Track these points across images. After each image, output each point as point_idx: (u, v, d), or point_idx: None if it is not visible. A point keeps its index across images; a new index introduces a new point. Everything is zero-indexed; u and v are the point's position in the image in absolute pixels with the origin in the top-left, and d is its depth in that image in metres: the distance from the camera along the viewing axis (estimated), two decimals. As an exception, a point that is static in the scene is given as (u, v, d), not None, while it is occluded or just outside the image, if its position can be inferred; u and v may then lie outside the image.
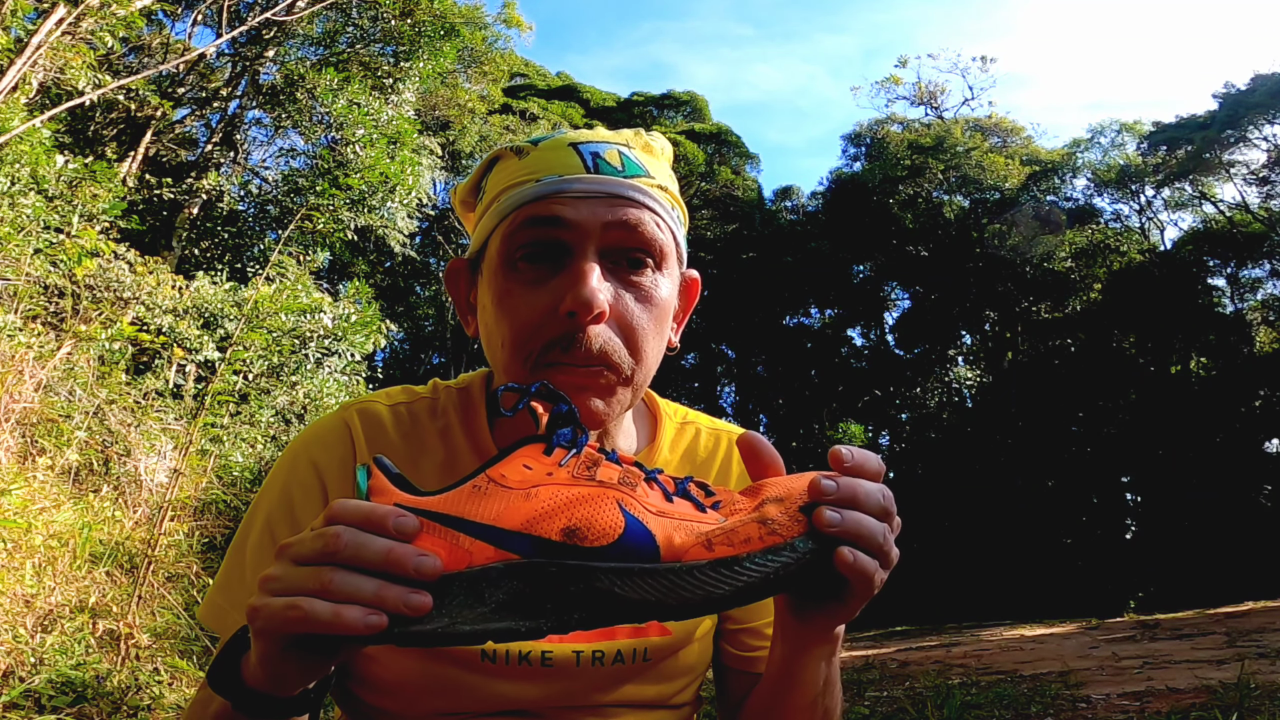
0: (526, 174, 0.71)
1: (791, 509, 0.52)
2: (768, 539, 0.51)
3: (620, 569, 0.49)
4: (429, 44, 11.30)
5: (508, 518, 0.51)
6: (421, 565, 0.48)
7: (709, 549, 0.50)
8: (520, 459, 0.54)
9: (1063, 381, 20.01)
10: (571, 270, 0.67)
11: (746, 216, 24.18)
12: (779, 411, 23.63)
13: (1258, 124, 19.24)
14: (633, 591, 0.49)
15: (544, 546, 0.50)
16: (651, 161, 0.74)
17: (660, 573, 0.50)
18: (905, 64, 36.82)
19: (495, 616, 0.49)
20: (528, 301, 0.68)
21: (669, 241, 0.73)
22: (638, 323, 0.70)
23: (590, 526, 0.50)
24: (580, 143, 0.72)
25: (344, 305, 8.31)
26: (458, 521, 0.51)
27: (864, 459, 0.55)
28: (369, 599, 0.47)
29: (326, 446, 0.78)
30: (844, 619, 0.60)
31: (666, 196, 0.73)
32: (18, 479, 3.78)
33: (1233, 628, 6.61)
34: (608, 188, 0.69)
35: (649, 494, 0.54)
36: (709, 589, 0.49)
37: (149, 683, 3.16)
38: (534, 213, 0.68)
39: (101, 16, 6.97)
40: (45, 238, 5.32)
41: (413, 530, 0.50)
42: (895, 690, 4.89)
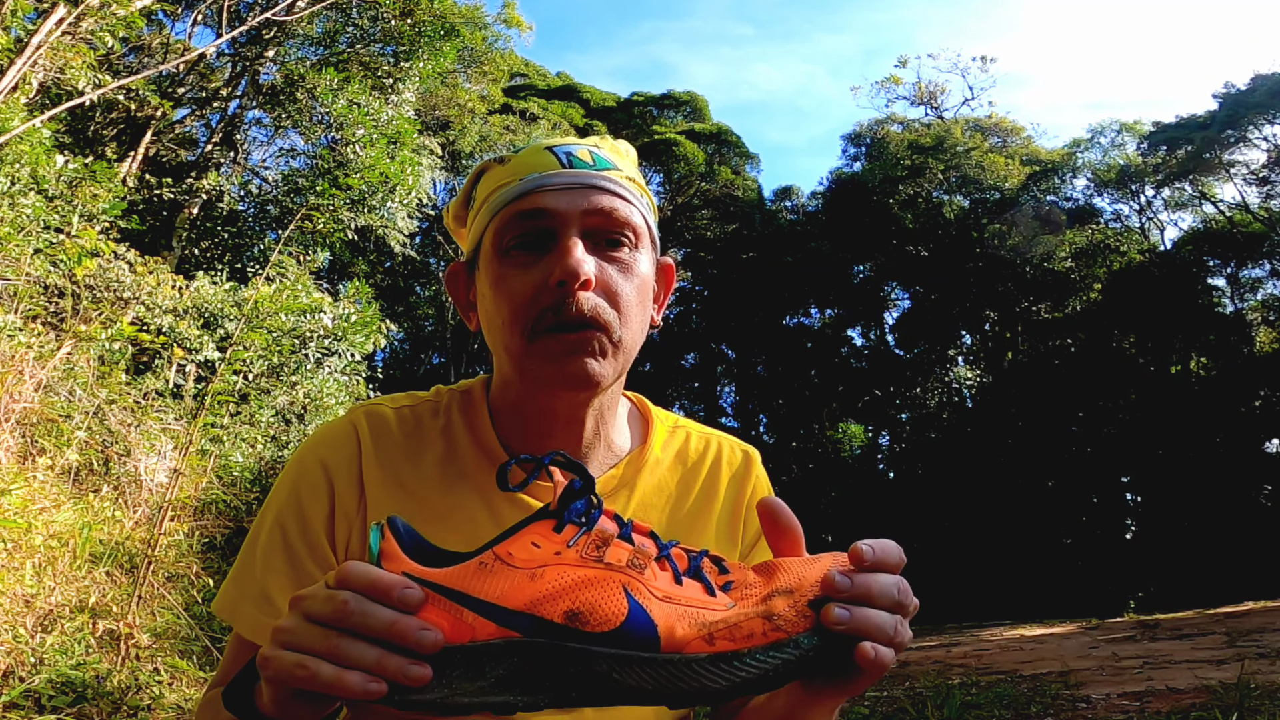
0: (510, 175, 0.79)
1: (800, 604, 0.52)
2: (771, 635, 0.51)
3: (619, 656, 0.50)
4: (429, 44, 11.29)
5: (512, 597, 0.52)
6: (423, 639, 0.50)
7: (710, 643, 0.51)
8: (529, 536, 0.55)
9: (1063, 381, 20.01)
10: (558, 249, 0.74)
11: (746, 216, 24.17)
12: (779, 411, 23.62)
13: (1258, 124, 19.24)
14: (630, 679, 0.50)
15: (546, 628, 0.51)
16: (618, 158, 0.82)
17: (659, 663, 0.50)
18: (905, 64, 36.85)
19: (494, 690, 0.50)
20: (521, 280, 0.75)
21: (641, 224, 0.80)
22: (621, 290, 0.77)
23: (593, 611, 0.51)
24: (554, 145, 0.80)
25: (344, 305, 8.31)
26: (463, 597, 0.52)
27: (884, 554, 0.55)
28: (371, 666, 0.50)
29: (334, 447, 0.83)
30: (854, 694, 0.61)
31: (635, 186, 0.81)
32: (18, 479, 3.78)
33: (1233, 628, 6.61)
34: (583, 179, 0.77)
35: (657, 577, 0.54)
36: (705, 683, 0.49)
37: (149, 683, 3.16)
38: (520, 207, 0.76)
39: (101, 16, 6.97)
40: (45, 238, 5.31)
41: (417, 602, 0.51)
42: (895, 690, 4.89)
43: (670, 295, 0.90)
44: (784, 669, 0.50)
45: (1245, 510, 17.08)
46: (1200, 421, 18.16)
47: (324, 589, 0.52)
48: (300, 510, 0.80)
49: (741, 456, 0.93)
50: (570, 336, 0.74)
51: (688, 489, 0.88)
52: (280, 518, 0.80)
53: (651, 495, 0.86)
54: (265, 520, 0.82)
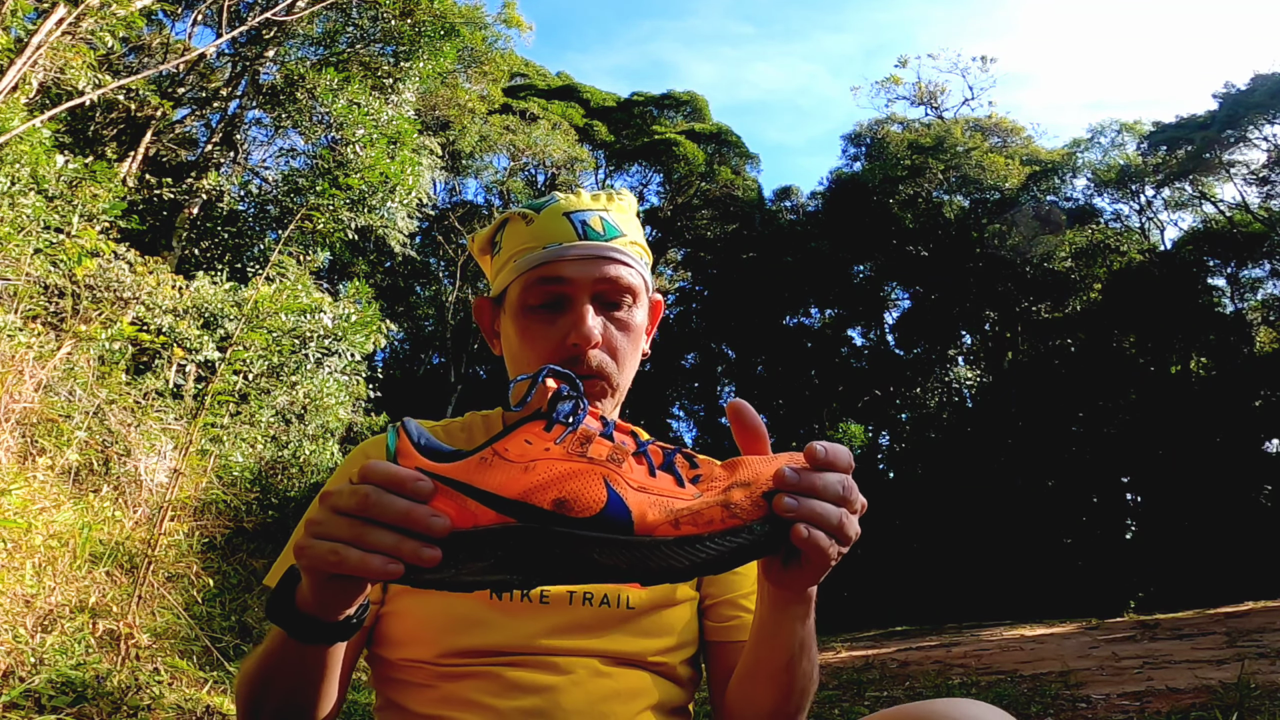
0: (534, 240, 0.95)
1: (755, 495, 0.59)
2: (728, 521, 0.58)
3: (599, 539, 0.57)
4: (429, 44, 11.29)
5: (508, 487, 0.59)
6: (433, 524, 0.58)
7: (676, 527, 0.57)
8: (522, 434, 0.62)
9: (1063, 381, 20.00)
10: (573, 313, 0.93)
11: (746, 216, 24.17)
12: (779, 411, 23.61)
13: (1258, 124, 19.23)
14: (607, 559, 0.57)
15: (537, 514, 0.58)
16: (623, 219, 0.98)
17: (632, 545, 0.57)
18: (905, 64, 36.81)
19: (494, 570, 0.58)
20: (543, 335, 0.93)
21: (640, 284, 0.98)
22: (620, 346, 0.95)
23: (577, 499, 0.58)
24: (571, 212, 0.95)
25: (344, 305, 8.31)
26: (466, 488, 0.60)
27: (835, 455, 0.62)
28: (389, 549, 0.57)
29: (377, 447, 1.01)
30: (810, 582, 0.69)
31: (637, 248, 0.98)
32: (18, 479, 3.78)
33: (1233, 628, 6.61)
34: (595, 251, 0.93)
35: (634, 470, 0.61)
36: (671, 562, 0.57)
37: (149, 683, 3.16)
38: (543, 274, 0.93)
39: (101, 16, 6.96)
40: (45, 238, 5.31)
41: (428, 493, 0.59)
42: (895, 690, 4.89)
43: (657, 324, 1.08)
44: (738, 551, 0.57)
45: (1245, 510, 17.07)
46: (1200, 421, 18.16)
47: (349, 485, 0.60)
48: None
49: None
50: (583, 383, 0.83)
51: None
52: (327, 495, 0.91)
53: None
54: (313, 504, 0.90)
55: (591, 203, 0.97)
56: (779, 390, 23.59)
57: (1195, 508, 17.44)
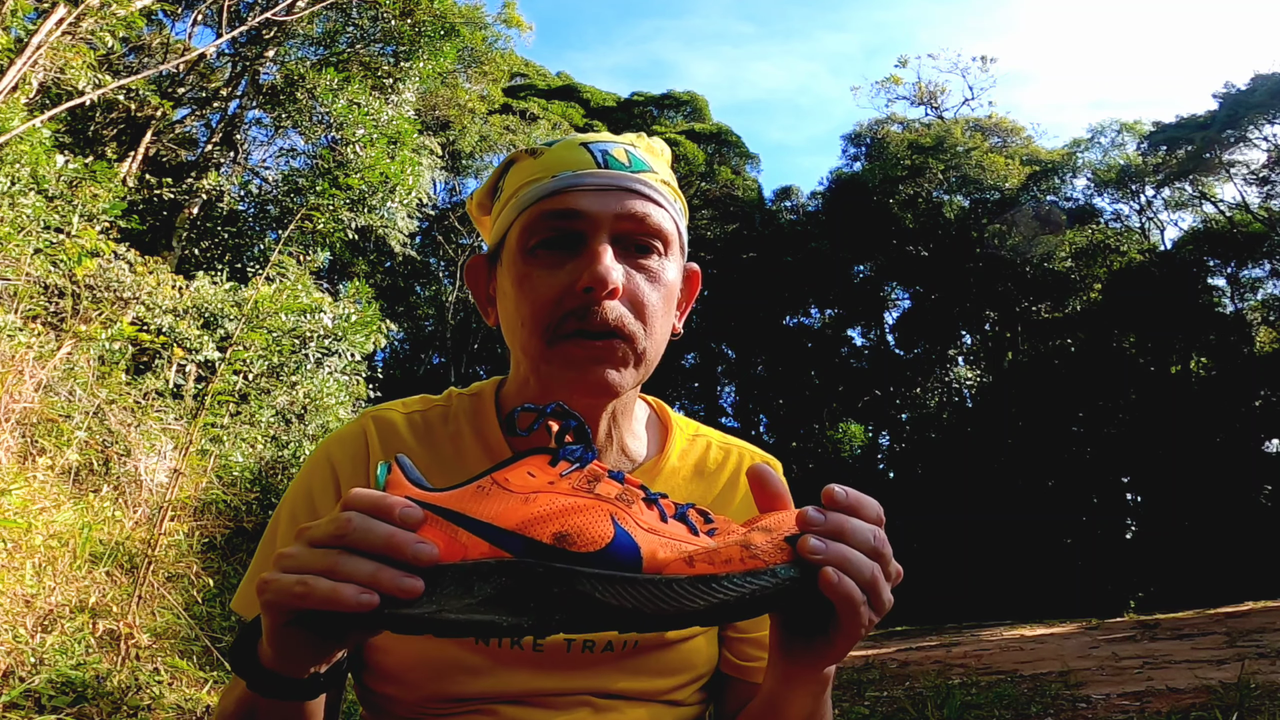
0: (542, 171, 0.76)
1: (777, 538, 0.54)
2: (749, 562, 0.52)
3: (602, 575, 0.51)
4: (429, 44, 11.29)
5: (505, 518, 0.53)
6: (419, 551, 0.51)
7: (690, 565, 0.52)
8: (525, 466, 0.57)
9: (1063, 381, 20.00)
10: (587, 253, 0.72)
11: (746, 216, 24.17)
12: (779, 411, 23.62)
13: (1258, 124, 19.23)
14: (612, 598, 0.51)
15: (535, 548, 0.52)
16: (654, 159, 0.80)
17: (640, 582, 0.51)
18: (905, 64, 36.86)
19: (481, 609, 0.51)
20: (546, 282, 0.73)
21: (673, 231, 0.78)
22: (648, 299, 0.75)
23: (580, 534, 0.52)
24: (590, 142, 0.77)
25: (344, 305, 8.31)
26: (459, 517, 0.53)
27: (860, 501, 0.56)
28: (365, 579, 0.50)
29: (343, 445, 0.85)
30: (832, 659, 0.60)
31: (670, 190, 0.79)
32: (18, 479, 3.78)
33: (1233, 628, 6.61)
34: (617, 181, 0.74)
35: (644, 512, 0.56)
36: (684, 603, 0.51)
37: (149, 683, 3.16)
38: (551, 206, 0.74)
39: (101, 16, 6.96)
40: (45, 238, 5.31)
41: (416, 520, 0.52)
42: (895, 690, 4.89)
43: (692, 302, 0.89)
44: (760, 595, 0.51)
45: (1245, 510, 17.07)
46: (1200, 421, 18.15)
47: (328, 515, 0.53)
48: (311, 504, 0.82)
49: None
50: (594, 344, 0.72)
51: (704, 499, 0.86)
52: (294, 514, 0.82)
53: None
54: (280, 518, 0.83)
55: (615, 136, 0.81)
56: (779, 390, 23.59)
57: (1195, 508, 17.44)
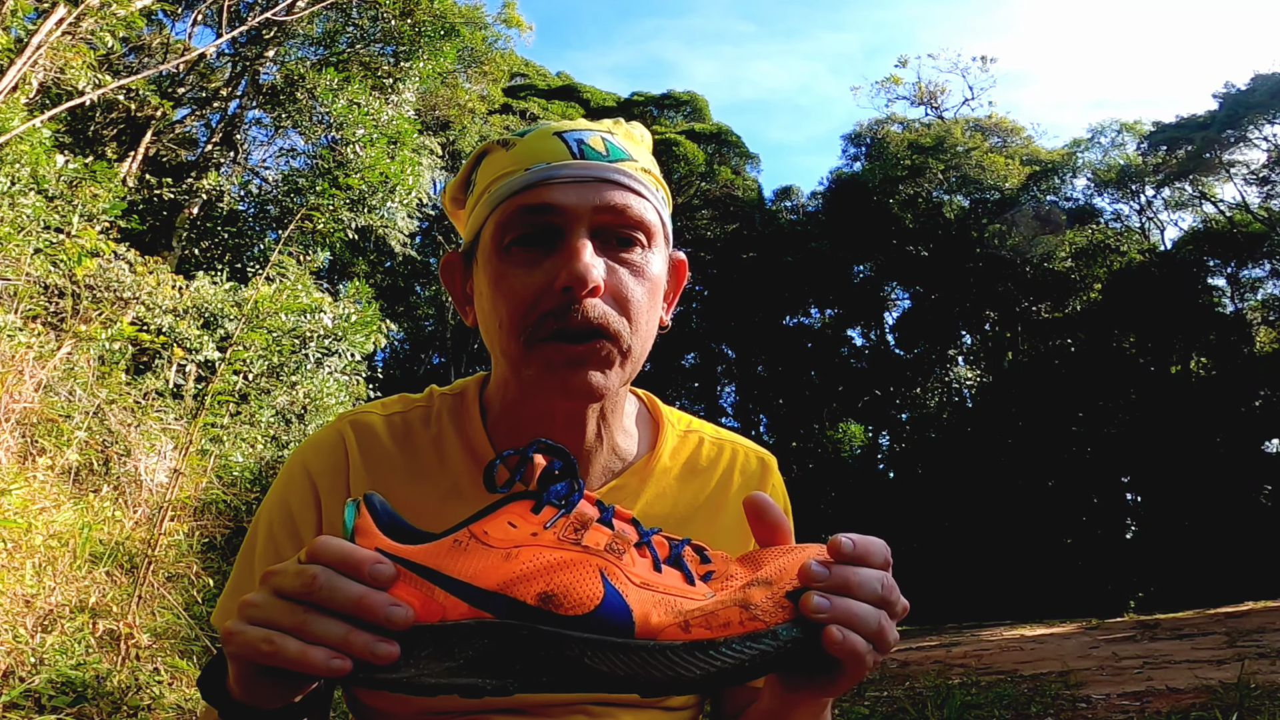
0: (515, 164, 0.72)
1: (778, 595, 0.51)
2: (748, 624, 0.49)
3: (592, 640, 0.49)
4: (429, 44, 11.29)
5: (485, 576, 0.51)
6: (393, 615, 0.48)
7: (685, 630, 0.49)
8: (506, 516, 0.54)
9: (1063, 381, 20.00)
10: (565, 249, 0.69)
11: (746, 216, 24.17)
12: (779, 411, 23.62)
13: (1258, 124, 19.24)
14: (602, 664, 0.49)
15: (518, 609, 0.50)
16: (633, 146, 0.76)
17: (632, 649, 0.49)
18: (905, 64, 36.87)
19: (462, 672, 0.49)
20: (523, 281, 0.70)
21: (655, 221, 0.74)
22: (632, 295, 0.71)
23: (567, 594, 0.50)
24: (564, 131, 0.73)
25: (344, 305, 8.31)
26: (435, 575, 0.51)
27: (866, 548, 0.53)
28: (336, 642, 0.48)
29: (320, 455, 0.81)
30: (833, 695, 0.58)
31: (650, 178, 0.75)
32: (18, 479, 3.78)
33: (1233, 628, 6.61)
34: (594, 172, 0.71)
35: (636, 563, 0.53)
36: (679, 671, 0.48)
37: (149, 683, 3.16)
38: (525, 201, 0.70)
39: (101, 16, 6.96)
40: (45, 238, 5.31)
41: (388, 578, 0.50)
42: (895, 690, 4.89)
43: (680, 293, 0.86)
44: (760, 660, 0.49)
45: (1245, 510, 17.08)
46: (1200, 421, 18.16)
47: (295, 564, 0.51)
48: (290, 519, 0.79)
49: (757, 464, 0.88)
50: (575, 348, 0.69)
51: (695, 499, 0.83)
52: (271, 528, 0.79)
53: (655, 506, 0.81)
54: (258, 530, 0.80)
55: (592, 124, 0.76)
56: (779, 390, 23.59)
57: (1195, 508, 17.44)
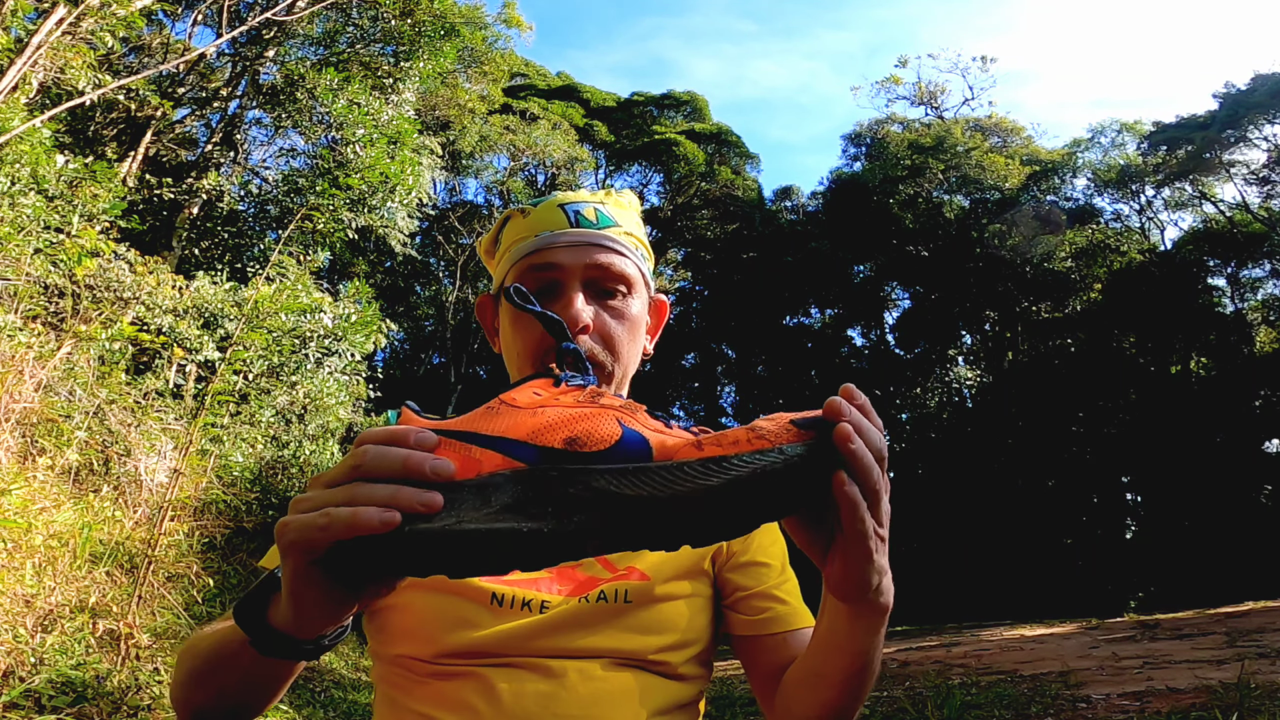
0: (528, 231, 0.94)
1: (782, 421, 0.55)
2: (755, 442, 0.53)
3: (615, 469, 0.52)
4: (429, 44, 11.30)
5: (515, 430, 0.56)
6: (436, 467, 0.53)
7: (699, 449, 0.53)
8: (531, 387, 0.61)
9: (1063, 381, 20.01)
10: (563, 298, 0.90)
11: (746, 216, 24.17)
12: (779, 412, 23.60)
13: (1258, 124, 19.24)
14: (628, 487, 0.51)
15: (547, 454, 0.54)
16: (620, 213, 0.97)
17: (653, 470, 0.52)
18: (905, 64, 36.87)
19: (500, 517, 0.51)
20: (532, 322, 0.89)
21: (636, 274, 0.95)
22: (615, 332, 0.92)
23: (590, 436, 0.54)
24: (566, 204, 0.95)
25: (344, 305, 8.31)
26: (470, 435, 0.56)
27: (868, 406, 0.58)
28: (385, 499, 0.51)
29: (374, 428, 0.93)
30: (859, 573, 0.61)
31: (633, 239, 0.96)
32: (18, 479, 3.78)
33: (1233, 628, 6.61)
34: (585, 238, 0.92)
35: (649, 420, 0.58)
36: (699, 481, 0.51)
37: (149, 683, 3.16)
38: (534, 261, 0.92)
39: (101, 16, 6.97)
40: (45, 238, 5.31)
41: (431, 444, 0.55)
42: (895, 690, 4.89)
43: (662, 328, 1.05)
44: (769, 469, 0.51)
45: (1245, 510, 17.08)
46: (1200, 421, 18.16)
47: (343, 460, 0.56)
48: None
49: None
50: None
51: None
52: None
53: None
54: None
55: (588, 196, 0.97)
56: (779, 390, 23.58)
57: (1195, 508, 17.44)
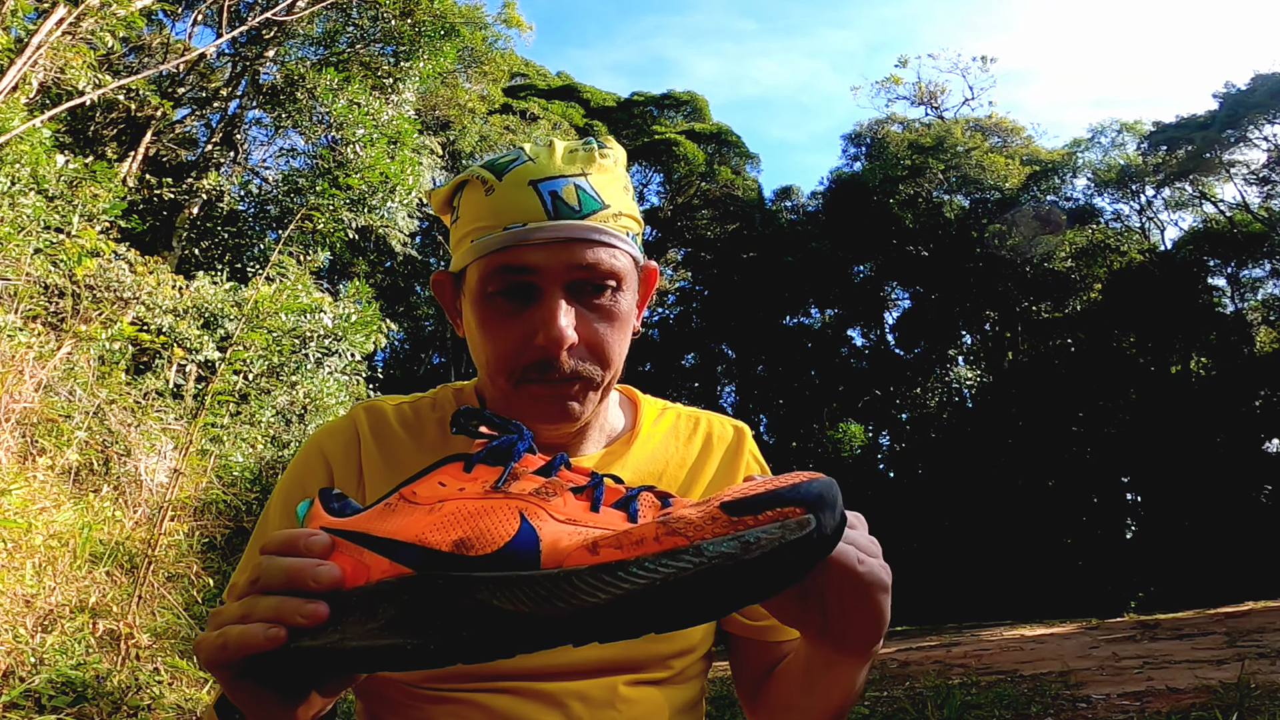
0: (494, 218, 0.76)
1: (711, 506, 0.43)
2: (665, 540, 0.42)
3: (498, 578, 0.44)
4: (429, 44, 11.29)
5: (406, 531, 0.49)
6: (318, 574, 0.49)
7: (593, 552, 0.43)
8: (437, 477, 0.53)
9: (1063, 381, 20.00)
10: (542, 307, 0.75)
11: (746, 216, 24.16)
12: (779, 411, 23.61)
13: (1258, 124, 19.23)
14: (507, 602, 0.43)
15: (433, 558, 0.47)
16: (606, 185, 0.79)
17: (536, 580, 0.43)
18: (905, 64, 36.88)
19: (384, 633, 0.46)
20: (506, 331, 0.77)
21: (626, 264, 0.80)
22: (604, 339, 0.79)
23: (481, 537, 0.46)
24: (540, 180, 0.76)
25: (344, 305, 8.31)
26: (363, 537, 0.50)
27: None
28: (270, 614, 0.48)
29: (333, 436, 0.88)
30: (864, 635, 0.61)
31: (623, 220, 0.80)
32: (18, 479, 3.78)
33: (1233, 628, 6.61)
34: (567, 233, 0.75)
35: (568, 504, 0.49)
36: (583, 597, 0.42)
37: (149, 683, 3.16)
38: (504, 261, 0.76)
39: (101, 16, 6.97)
40: (45, 238, 5.31)
41: (322, 547, 0.51)
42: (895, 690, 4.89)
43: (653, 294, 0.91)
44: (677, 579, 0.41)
45: (1245, 510, 17.07)
46: (1200, 421, 18.15)
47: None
48: (304, 494, 0.84)
49: (733, 432, 0.95)
50: (556, 387, 0.78)
51: (681, 462, 0.91)
52: (285, 503, 0.85)
53: (644, 466, 0.89)
54: (273, 507, 0.86)
55: (565, 165, 0.78)
56: (779, 390, 23.58)
57: (1195, 508, 17.43)
